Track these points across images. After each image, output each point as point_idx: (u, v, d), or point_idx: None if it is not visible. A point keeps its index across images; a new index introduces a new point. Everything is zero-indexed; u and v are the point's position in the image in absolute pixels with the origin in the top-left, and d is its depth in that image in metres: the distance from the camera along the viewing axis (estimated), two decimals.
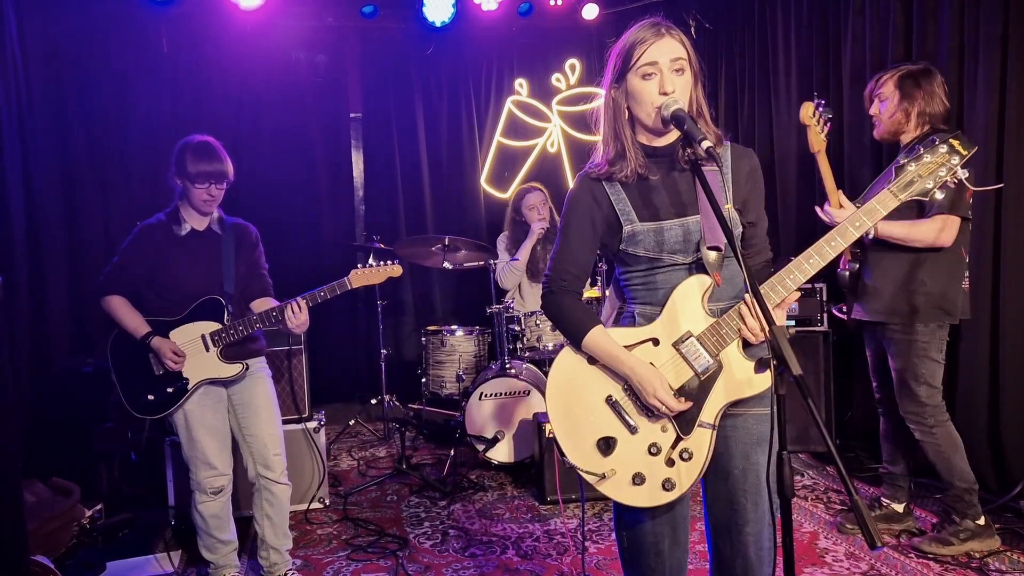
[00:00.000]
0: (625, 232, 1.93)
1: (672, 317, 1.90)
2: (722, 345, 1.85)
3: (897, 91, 3.25)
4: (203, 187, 3.03)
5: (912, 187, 1.81)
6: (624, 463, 1.91)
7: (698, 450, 1.87)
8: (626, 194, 1.94)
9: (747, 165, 1.98)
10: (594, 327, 1.94)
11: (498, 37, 6.67)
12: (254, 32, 5.85)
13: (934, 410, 3.21)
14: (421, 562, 3.40)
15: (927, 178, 1.81)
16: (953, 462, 3.21)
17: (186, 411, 3.05)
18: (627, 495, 1.91)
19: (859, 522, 1.43)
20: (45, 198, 4.74)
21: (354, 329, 6.62)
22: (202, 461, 3.07)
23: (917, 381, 3.21)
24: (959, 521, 3.23)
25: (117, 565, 3.42)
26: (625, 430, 1.93)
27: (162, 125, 5.42)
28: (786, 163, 5.20)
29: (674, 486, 1.87)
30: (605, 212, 1.97)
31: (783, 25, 5.22)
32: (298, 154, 6.38)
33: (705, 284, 1.88)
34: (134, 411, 3.06)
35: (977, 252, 3.82)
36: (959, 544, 3.19)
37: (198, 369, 3.05)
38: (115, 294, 3.07)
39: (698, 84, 1.91)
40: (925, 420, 3.22)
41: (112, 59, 5.39)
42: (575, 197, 2.00)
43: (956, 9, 3.89)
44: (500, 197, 6.81)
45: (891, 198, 1.81)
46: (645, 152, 1.94)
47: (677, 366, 1.89)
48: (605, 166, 1.95)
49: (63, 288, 4.83)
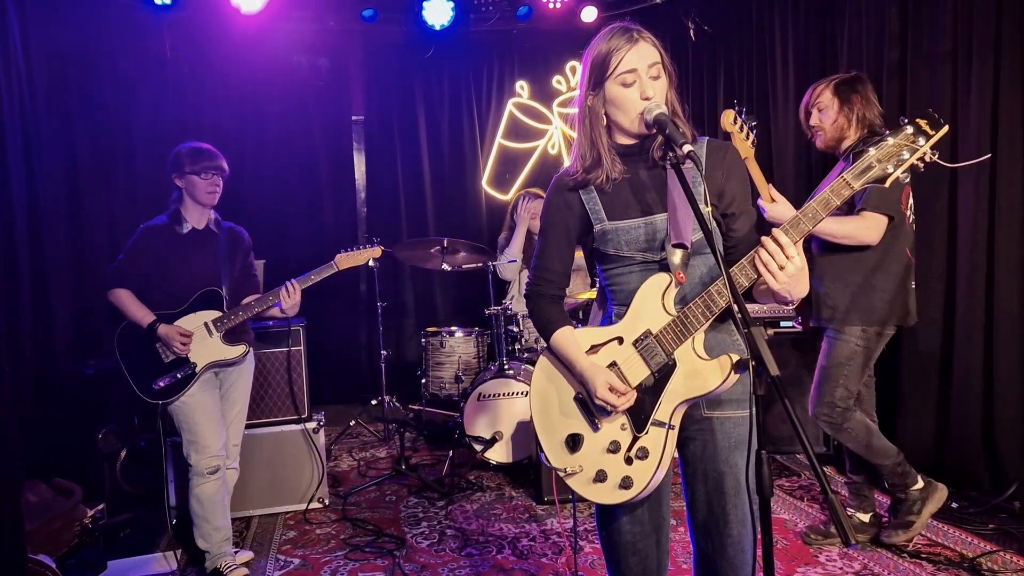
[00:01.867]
0: (596, 231, 1.97)
1: (635, 315, 1.93)
2: (679, 342, 1.85)
3: (836, 98, 3.29)
4: (207, 178, 3.27)
5: (869, 172, 1.68)
6: (588, 460, 1.96)
7: (653, 449, 1.88)
8: (597, 194, 1.97)
9: (720, 157, 1.95)
10: (560, 328, 2.01)
11: (498, 40, 6.71)
12: (256, 36, 5.91)
13: (843, 410, 3.25)
14: (418, 562, 3.43)
15: (887, 162, 1.67)
16: (874, 444, 3.25)
17: (186, 396, 3.23)
18: (591, 492, 1.95)
19: (833, 519, 1.45)
20: (49, 202, 4.78)
21: (355, 331, 6.67)
22: (201, 445, 3.24)
23: (837, 383, 3.24)
24: (905, 496, 3.26)
25: (118, 564, 3.46)
26: (590, 428, 1.97)
27: (166, 128, 5.46)
28: (784, 161, 5.22)
29: (631, 484, 1.88)
30: (577, 214, 2.01)
31: (780, 27, 5.25)
32: (300, 156, 6.44)
33: (665, 282, 1.88)
34: (146, 397, 3.24)
35: (971, 254, 3.84)
36: (917, 517, 3.23)
37: (204, 353, 3.27)
38: (121, 287, 3.26)
39: (672, 85, 1.93)
40: (835, 420, 3.25)
41: (116, 63, 5.45)
42: (549, 202, 2.06)
43: (950, 13, 3.92)
44: (501, 199, 6.85)
45: (845, 186, 1.70)
46: (617, 151, 1.96)
47: (636, 364, 1.91)
48: (581, 174, 1.97)
49: (66, 291, 4.87)
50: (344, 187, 6.68)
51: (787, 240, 1.70)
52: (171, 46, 5.74)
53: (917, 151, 1.66)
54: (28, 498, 3.53)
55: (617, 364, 1.93)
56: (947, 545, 3.34)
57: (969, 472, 3.90)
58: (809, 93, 3.41)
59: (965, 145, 3.86)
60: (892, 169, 1.67)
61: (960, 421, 3.95)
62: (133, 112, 5.55)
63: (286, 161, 6.32)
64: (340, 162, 6.66)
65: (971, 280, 3.86)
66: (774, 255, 1.70)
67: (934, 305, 4.01)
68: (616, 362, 1.94)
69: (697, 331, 1.84)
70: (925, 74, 4.09)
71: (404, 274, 6.77)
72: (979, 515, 3.61)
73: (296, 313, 3.39)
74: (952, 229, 3.96)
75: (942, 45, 3.96)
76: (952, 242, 3.97)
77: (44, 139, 4.77)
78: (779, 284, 1.71)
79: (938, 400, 4.09)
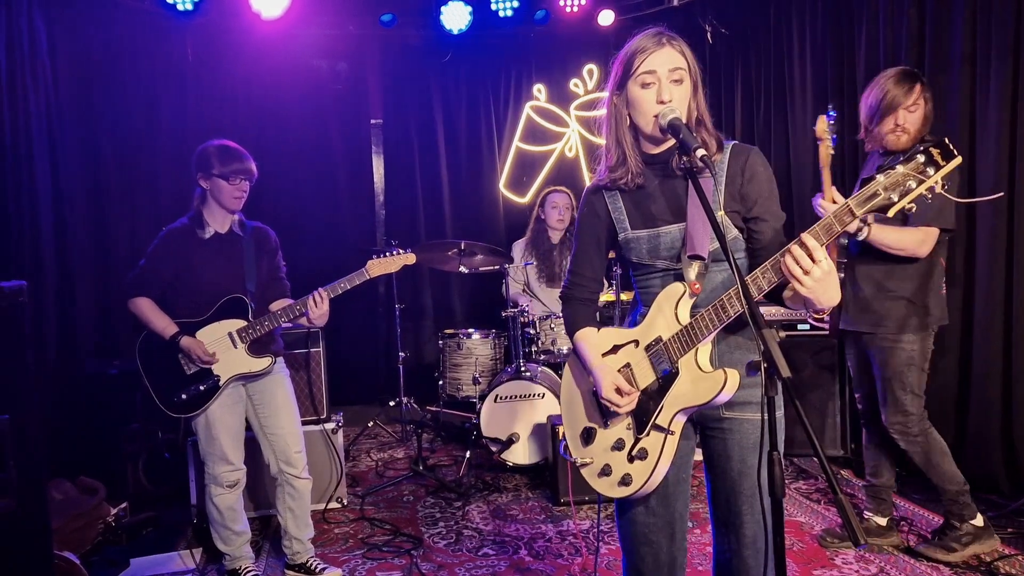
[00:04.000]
0: (620, 239, 2.04)
1: (651, 321, 1.98)
2: (684, 351, 1.88)
3: (925, 94, 3.12)
4: (235, 183, 3.13)
5: (873, 201, 1.62)
6: (598, 454, 2.06)
7: (652, 451, 1.93)
8: (623, 202, 2.02)
9: (743, 160, 1.94)
10: (581, 329, 2.12)
11: (515, 44, 6.74)
12: (276, 41, 5.98)
13: (918, 419, 3.21)
14: (435, 561, 3.47)
15: (892, 191, 1.60)
16: (942, 467, 3.21)
17: (208, 410, 3.14)
18: (598, 484, 2.05)
19: (843, 519, 1.46)
20: (74, 206, 4.88)
21: (374, 332, 6.72)
22: (220, 457, 3.18)
23: (904, 390, 3.20)
24: (959, 525, 3.21)
25: (140, 562, 3.52)
26: (602, 423, 2.07)
27: (187, 133, 5.54)
28: (802, 163, 5.21)
29: (630, 482, 1.96)
30: (605, 222, 2.08)
31: (798, 31, 5.24)
32: (319, 160, 6.51)
33: (679, 292, 1.91)
34: (168, 411, 3.14)
35: (989, 255, 3.82)
36: (962, 549, 3.19)
37: (228, 365, 3.15)
38: (142, 296, 3.16)
39: (698, 93, 1.94)
40: (910, 429, 3.21)
41: (140, 69, 5.53)
42: (582, 212, 2.16)
43: (969, 17, 3.90)
44: (519, 202, 6.88)
45: (847, 213, 1.64)
46: (644, 160, 1.99)
47: (645, 368, 1.97)
48: (606, 173, 2.02)
49: (90, 293, 4.96)
50: (362, 190, 6.74)
51: (815, 243, 1.65)
52: (193, 51, 5.81)
53: (925, 181, 1.59)
54: (53, 496, 3.60)
55: (630, 366, 2.00)
56: None
57: (988, 475, 3.87)
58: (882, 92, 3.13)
59: (983, 145, 3.84)
60: (896, 198, 1.60)
61: (979, 424, 3.92)
62: (155, 116, 5.63)
63: (305, 164, 6.38)
64: (359, 165, 6.72)
65: (990, 282, 3.84)
66: (799, 259, 1.65)
67: (953, 306, 3.96)
68: (630, 364, 2.00)
69: (703, 341, 1.86)
70: (943, 75, 4.08)
71: (422, 276, 6.81)
72: (997, 519, 3.58)
73: (325, 323, 3.22)
74: (971, 230, 3.94)
75: (961, 48, 3.94)
76: (971, 243, 3.95)
77: (69, 144, 4.87)
78: (806, 289, 1.66)
79: (956, 403, 4.06)
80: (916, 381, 3.21)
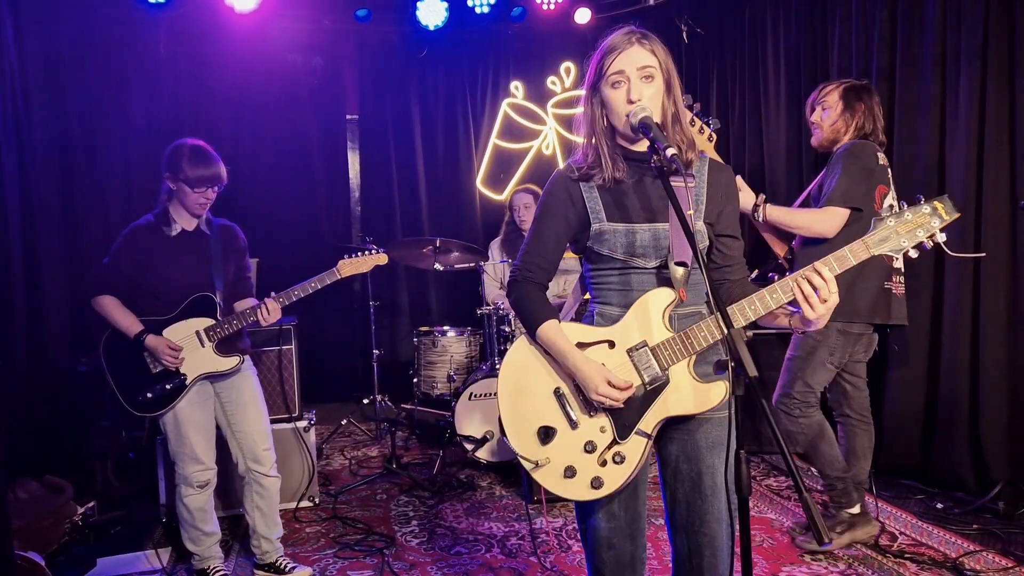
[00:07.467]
0: (592, 230, 1.97)
1: (632, 324, 1.93)
2: (674, 360, 1.87)
3: (840, 102, 3.36)
4: (200, 191, 3.07)
5: (886, 243, 1.78)
6: (559, 455, 1.95)
7: (631, 456, 1.90)
8: (599, 194, 1.98)
9: (724, 179, 2.01)
10: (548, 320, 1.97)
11: (493, 41, 6.74)
12: (251, 35, 5.92)
13: (800, 403, 3.30)
14: (407, 560, 3.45)
15: (904, 236, 1.78)
16: (820, 448, 3.30)
17: (176, 409, 3.10)
18: (558, 486, 1.95)
19: (808, 518, 1.48)
20: (43, 199, 4.79)
21: (348, 330, 6.69)
22: (190, 457, 3.12)
23: (797, 374, 3.30)
24: (836, 513, 3.33)
25: (107, 562, 3.47)
26: (566, 423, 1.96)
27: (160, 127, 5.45)
28: (776, 161, 5.26)
29: (602, 485, 1.90)
30: (578, 208, 2.00)
31: (772, 31, 5.28)
32: (295, 155, 6.46)
33: (670, 298, 1.90)
34: (133, 410, 3.09)
35: (959, 263, 3.86)
36: (838, 538, 3.29)
37: (195, 364, 3.10)
38: (106, 294, 3.10)
39: (672, 91, 1.93)
40: (791, 410, 3.30)
41: (110, 62, 5.43)
42: (551, 192, 2.04)
43: (939, 18, 3.95)
44: (496, 199, 6.88)
45: (863, 250, 1.79)
46: (624, 156, 1.98)
47: (626, 372, 1.91)
48: (584, 168, 1.99)
49: (60, 288, 4.88)
50: (338, 186, 6.70)
51: (830, 275, 1.76)
52: (165, 45, 5.74)
53: (932, 232, 1.77)
54: (19, 495, 3.55)
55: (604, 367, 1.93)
56: (931, 545, 3.37)
57: (954, 473, 3.93)
58: (817, 90, 3.48)
59: (954, 146, 3.89)
60: (906, 243, 1.78)
61: (946, 423, 3.98)
62: (127, 111, 5.53)
63: (280, 159, 6.33)
64: (334, 161, 6.68)
65: (957, 283, 3.89)
66: (819, 288, 1.76)
67: (921, 306, 4.03)
68: (604, 365, 1.93)
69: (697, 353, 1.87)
70: (914, 77, 4.12)
71: (398, 273, 6.79)
72: (964, 516, 3.64)
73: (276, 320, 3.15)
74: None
75: (932, 49, 3.99)
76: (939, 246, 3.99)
77: (37, 137, 4.78)
78: (815, 315, 1.77)
79: (924, 402, 4.12)
80: (811, 371, 3.29)
